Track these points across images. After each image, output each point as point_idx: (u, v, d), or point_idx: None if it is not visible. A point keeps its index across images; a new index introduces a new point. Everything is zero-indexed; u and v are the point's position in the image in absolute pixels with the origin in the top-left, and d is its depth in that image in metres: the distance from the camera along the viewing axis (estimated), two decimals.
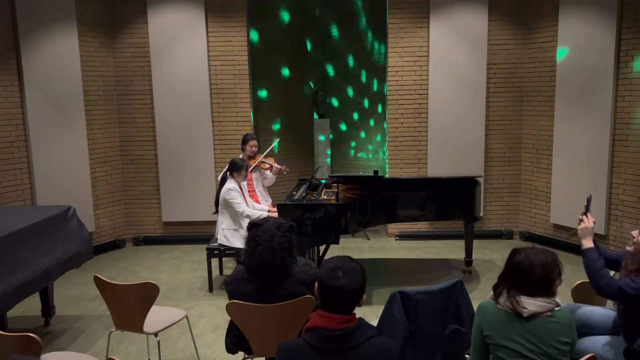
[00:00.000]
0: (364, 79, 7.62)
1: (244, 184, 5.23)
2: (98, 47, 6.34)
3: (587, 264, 2.59)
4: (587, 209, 2.79)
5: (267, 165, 5.62)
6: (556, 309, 2.18)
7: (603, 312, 2.87)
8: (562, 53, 5.97)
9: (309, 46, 7.79)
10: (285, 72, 7.51)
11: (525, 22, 6.45)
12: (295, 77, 7.63)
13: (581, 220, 2.76)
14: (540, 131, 6.39)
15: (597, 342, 2.68)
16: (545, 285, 2.17)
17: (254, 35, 6.92)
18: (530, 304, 2.15)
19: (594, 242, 2.73)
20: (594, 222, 2.77)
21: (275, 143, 6.30)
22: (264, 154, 5.66)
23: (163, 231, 6.82)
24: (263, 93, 7.25)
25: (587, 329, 2.80)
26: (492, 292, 2.30)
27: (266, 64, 7.23)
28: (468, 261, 5.45)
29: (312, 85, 7.87)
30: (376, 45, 7.36)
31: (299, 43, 7.66)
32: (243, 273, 2.76)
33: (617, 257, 2.76)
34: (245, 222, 4.73)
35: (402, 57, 6.56)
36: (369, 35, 7.41)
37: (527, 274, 2.17)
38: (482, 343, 2.25)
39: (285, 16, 7.39)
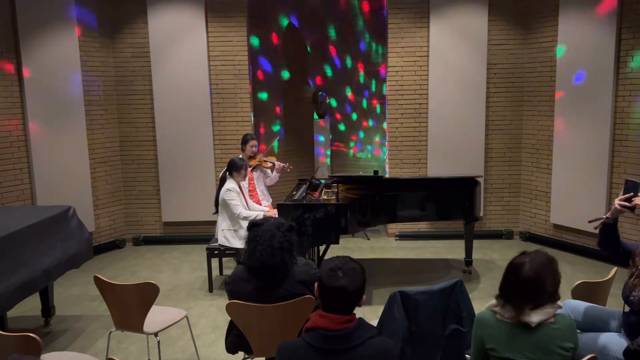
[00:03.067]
0: (363, 79, 7.62)
1: (245, 183, 5.23)
2: (98, 47, 6.34)
3: None
4: (636, 193, 2.59)
5: (269, 164, 5.61)
6: (557, 312, 2.16)
7: (611, 309, 2.88)
8: (560, 51, 5.97)
9: (309, 46, 7.79)
10: (285, 72, 7.52)
11: (525, 22, 6.45)
12: (295, 77, 7.64)
13: (625, 206, 2.59)
14: (540, 131, 6.40)
15: (611, 338, 2.66)
16: (554, 293, 2.14)
17: (254, 36, 6.92)
18: (537, 314, 2.10)
19: (615, 226, 2.63)
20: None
21: (275, 142, 6.30)
22: (265, 152, 5.66)
23: (163, 231, 6.82)
24: (263, 95, 7.25)
25: (601, 323, 2.80)
26: (490, 303, 2.23)
27: (266, 63, 7.23)
28: (468, 261, 5.45)
29: (312, 85, 7.87)
30: (376, 45, 7.36)
31: (299, 42, 7.66)
32: (243, 273, 2.76)
33: (629, 249, 2.70)
34: (244, 223, 4.73)
35: (402, 57, 6.56)
36: (369, 35, 7.41)
37: (537, 287, 2.10)
38: (484, 356, 2.19)
39: (286, 16, 7.40)
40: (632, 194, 2.59)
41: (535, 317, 2.09)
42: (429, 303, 2.76)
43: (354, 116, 7.84)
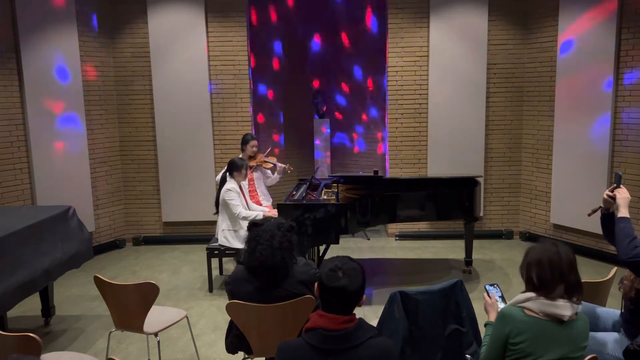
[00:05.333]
0: (363, 78, 7.62)
1: (245, 184, 5.23)
2: (98, 47, 6.34)
3: (620, 231, 2.50)
4: (618, 184, 2.74)
5: (270, 165, 5.61)
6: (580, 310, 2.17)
7: (610, 309, 2.90)
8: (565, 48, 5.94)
9: (309, 45, 7.79)
10: (285, 72, 7.52)
11: (525, 22, 6.45)
12: (295, 77, 7.63)
13: (610, 196, 2.71)
14: (540, 131, 6.40)
15: (611, 338, 2.68)
16: (580, 282, 2.15)
17: (254, 36, 6.92)
18: (568, 307, 2.10)
19: (611, 217, 2.68)
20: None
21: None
22: (265, 153, 5.66)
23: (163, 231, 6.82)
24: (263, 93, 7.26)
25: (601, 322, 2.82)
26: (516, 299, 2.20)
27: (266, 64, 7.24)
28: (468, 261, 5.45)
29: (312, 85, 7.87)
30: (375, 45, 7.36)
31: (299, 42, 7.66)
32: (243, 273, 2.76)
33: None
34: (244, 223, 4.73)
35: (402, 57, 6.56)
36: (369, 35, 7.41)
37: (570, 270, 2.12)
38: (501, 351, 2.16)
39: (286, 16, 7.40)
40: (615, 185, 2.75)
41: (567, 311, 2.09)
42: (429, 303, 2.76)
43: (355, 115, 7.83)
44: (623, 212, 2.60)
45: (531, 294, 2.16)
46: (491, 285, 2.60)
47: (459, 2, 6.39)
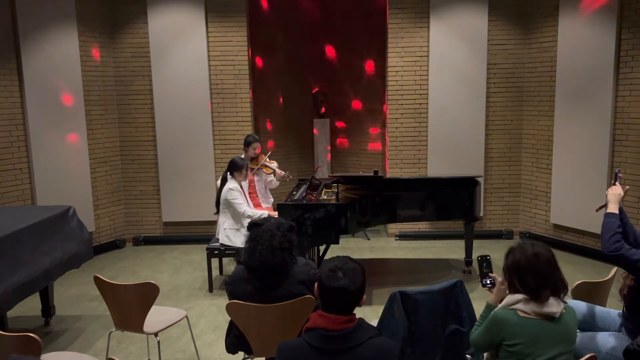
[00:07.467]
0: (364, 78, 7.62)
1: (245, 184, 5.22)
2: (98, 47, 6.34)
3: (604, 226, 2.60)
4: (615, 181, 2.84)
5: (270, 170, 5.60)
6: (567, 303, 2.21)
7: (610, 309, 2.91)
8: None
9: (309, 44, 7.79)
10: (285, 71, 7.52)
11: (525, 22, 6.45)
12: (295, 77, 7.63)
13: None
14: (540, 131, 6.40)
15: (611, 338, 2.69)
16: (562, 279, 2.19)
17: (254, 35, 6.92)
18: (556, 304, 2.15)
19: (621, 214, 2.74)
20: (627, 190, 2.81)
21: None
22: (266, 156, 5.65)
23: (163, 231, 6.82)
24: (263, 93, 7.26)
25: (601, 322, 2.83)
26: (507, 301, 2.22)
27: (266, 64, 7.24)
28: (468, 261, 5.45)
29: (312, 85, 7.87)
30: (376, 45, 7.36)
31: (299, 42, 7.66)
32: (243, 273, 2.76)
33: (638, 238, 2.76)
34: (247, 222, 4.72)
35: (402, 57, 6.56)
36: (370, 34, 7.41)
37: (550, 271, 2.17)
38: (494, 351, 2.19)
39: (285, 15, 7.40)
40: (612, 181, 2.86)
41: (557, 307, 2.14)
42: (429, 303, 2.76)
43: (355, 115, 7.83)
44: (612, 207, 2.70)
45: (520, 296, 2.20)
46: (483, 256, 2.70)
47: (459, 2, 6.39)
